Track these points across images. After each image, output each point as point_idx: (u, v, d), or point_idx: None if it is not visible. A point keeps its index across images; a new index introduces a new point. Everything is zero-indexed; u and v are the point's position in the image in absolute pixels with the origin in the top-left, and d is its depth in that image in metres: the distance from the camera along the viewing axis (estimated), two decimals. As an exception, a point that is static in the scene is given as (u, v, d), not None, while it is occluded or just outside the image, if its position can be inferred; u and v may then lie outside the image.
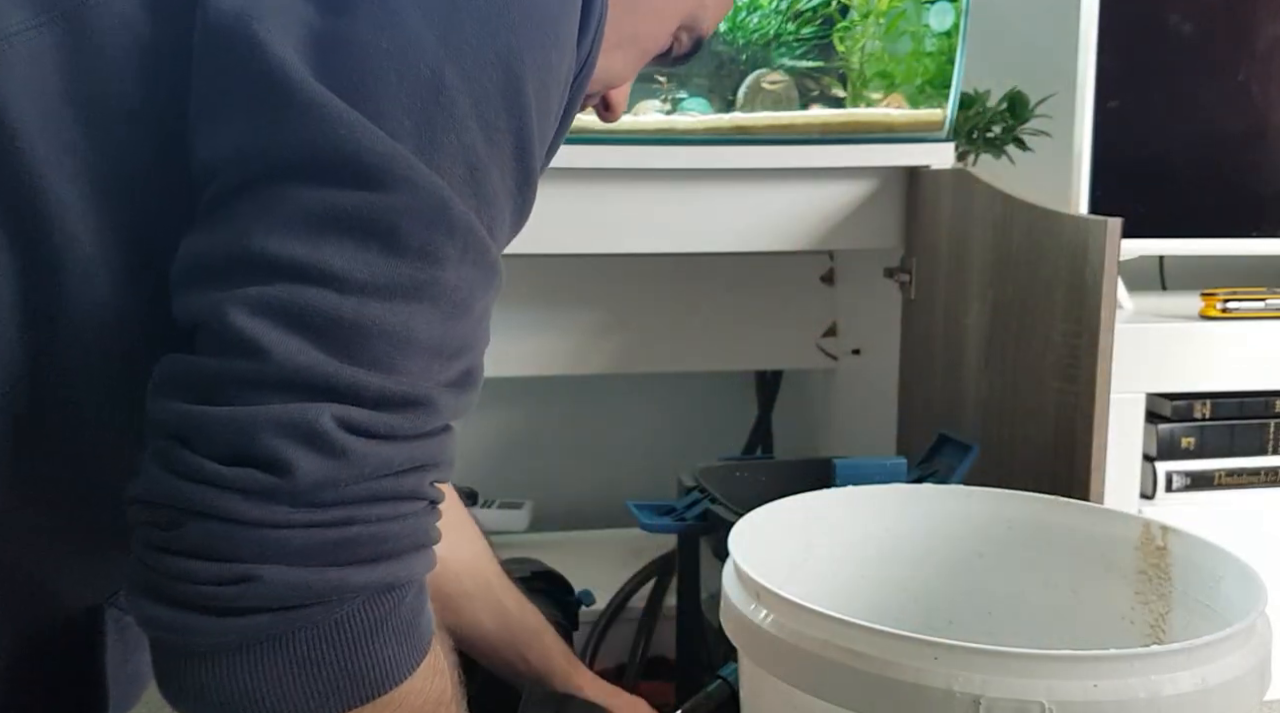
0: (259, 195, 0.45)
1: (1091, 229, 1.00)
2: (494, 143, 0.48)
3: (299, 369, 0.44)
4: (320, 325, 0.44)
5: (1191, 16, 1.37)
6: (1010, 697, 0.58)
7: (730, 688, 0.86)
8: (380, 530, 0.46)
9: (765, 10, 1.31)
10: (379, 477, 0.46)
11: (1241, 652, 0.63)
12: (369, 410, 0.45)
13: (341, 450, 0.44)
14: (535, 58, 0.49)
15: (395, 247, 0.45)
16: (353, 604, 0.46)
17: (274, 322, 0.44)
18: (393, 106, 0.46)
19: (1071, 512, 0.87)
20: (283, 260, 0.44)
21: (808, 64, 1.32)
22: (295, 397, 0.44)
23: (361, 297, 0.45)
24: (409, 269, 0.46)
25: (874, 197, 1.33)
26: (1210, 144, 1.40)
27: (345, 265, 0.45)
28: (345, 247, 0.45)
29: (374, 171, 0.45)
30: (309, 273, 0.44)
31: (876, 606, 0.90)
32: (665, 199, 1.27)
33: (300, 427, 0.44)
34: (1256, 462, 1.21)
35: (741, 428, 1.69)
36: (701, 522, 1.03)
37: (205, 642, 0.45)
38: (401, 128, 0.46)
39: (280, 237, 0.44)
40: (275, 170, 0.45)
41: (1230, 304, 1.20)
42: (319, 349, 0.44)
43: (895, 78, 1.33)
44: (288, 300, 0.44)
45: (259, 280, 0.44)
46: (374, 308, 0.45)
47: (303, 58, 0.46)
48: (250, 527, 0.44)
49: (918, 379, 1.35)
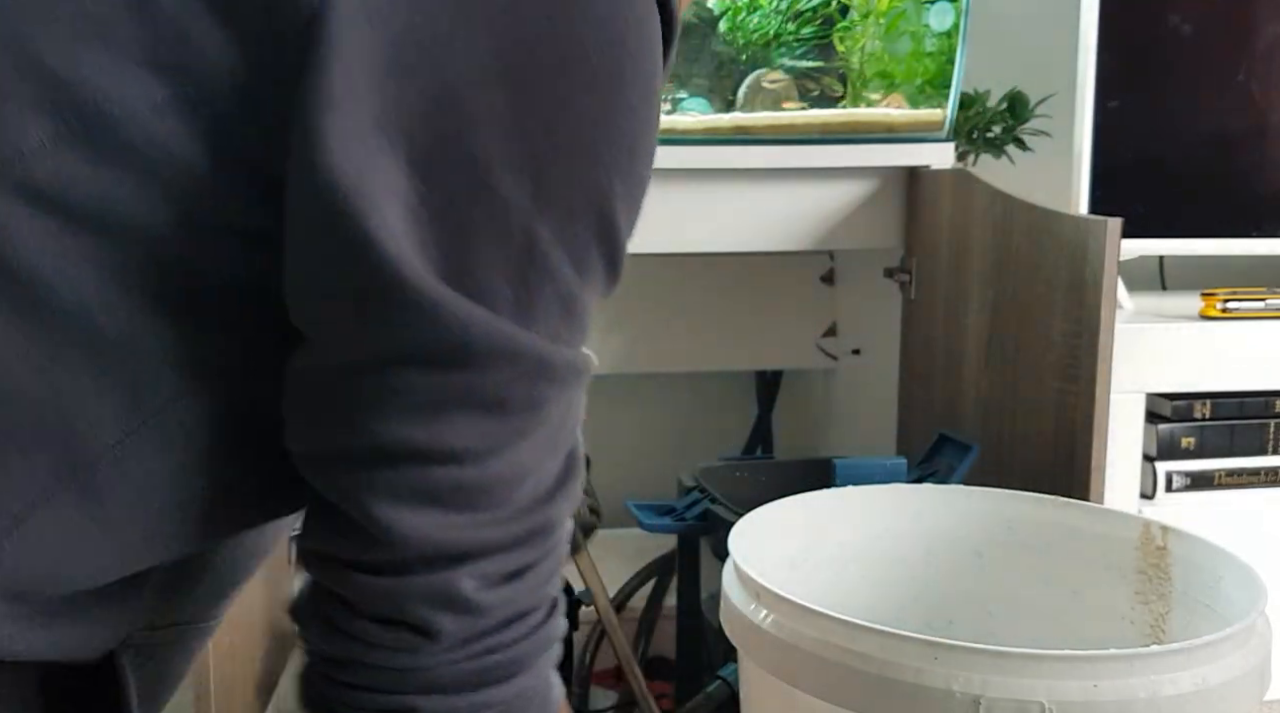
0: (368, 384, 0.47)
1: (1092, 229, 1.00)
2: (586, 276, 0.50)
3: (437, 545, 0.48)
4: (448, 498, 0.48)
5: (1191, 17, 1.37)
6: (1010, 697, 0.59)
7: (730, 688, 0.86)
8: (516, 651, 0.51)
9: (765, 10, 1.31)
10: (514, 608, 0.51)
11: (1241, 652, 0.63)
12: (501, 556, 0.49)
13: (479, 607, 0.49)
14: (626, 182, 0.50)
15: (505, 411, 0.48)
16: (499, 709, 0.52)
17: (408, 505, 0.47)
18: (491, 276, 0.47)
19: (1072, 512, 0.88)
20: (408, 448, 0.47)
21: (808, 64, 1.32)
22: (436, 569, 0.48)
23: (480, 462, 0.48)
24: (518, 423, 0.49)
25: (874, 197, 1.33)
26: (1210, 144, 1.40)
27: (462, 442, 0.47)
28: (459, 424, 0.47)
29: (480, 356, 0.46)
30: (432, 455, 0.47)
31: (876, 606, 0.90)
32: (665, 199, 1.27)
33: (442, 596, 0.48)
34: (1256, 462, 1.21)
35: (741, 428, 1.70)
36: (701, 522, 1.03)
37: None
38: (500, 296, 0.47)
39: (402, 425, 0.47)
40: (384, 361, 0.47)
41: (1230, 304, 1.20)
42: (451, 515, 0.48)
43: (895, 78, 1.33)
44: (417, 484, 0.47)
45: (387, 467, 0.47)
46: (492, 466, 0.48)
47: (409, 243, 0.45)
48: (405, 672, 0.49)
49: (918, 379, 1.35)
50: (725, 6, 1.31)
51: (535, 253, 0.47)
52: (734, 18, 1.31)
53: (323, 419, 0.48)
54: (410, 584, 0.48)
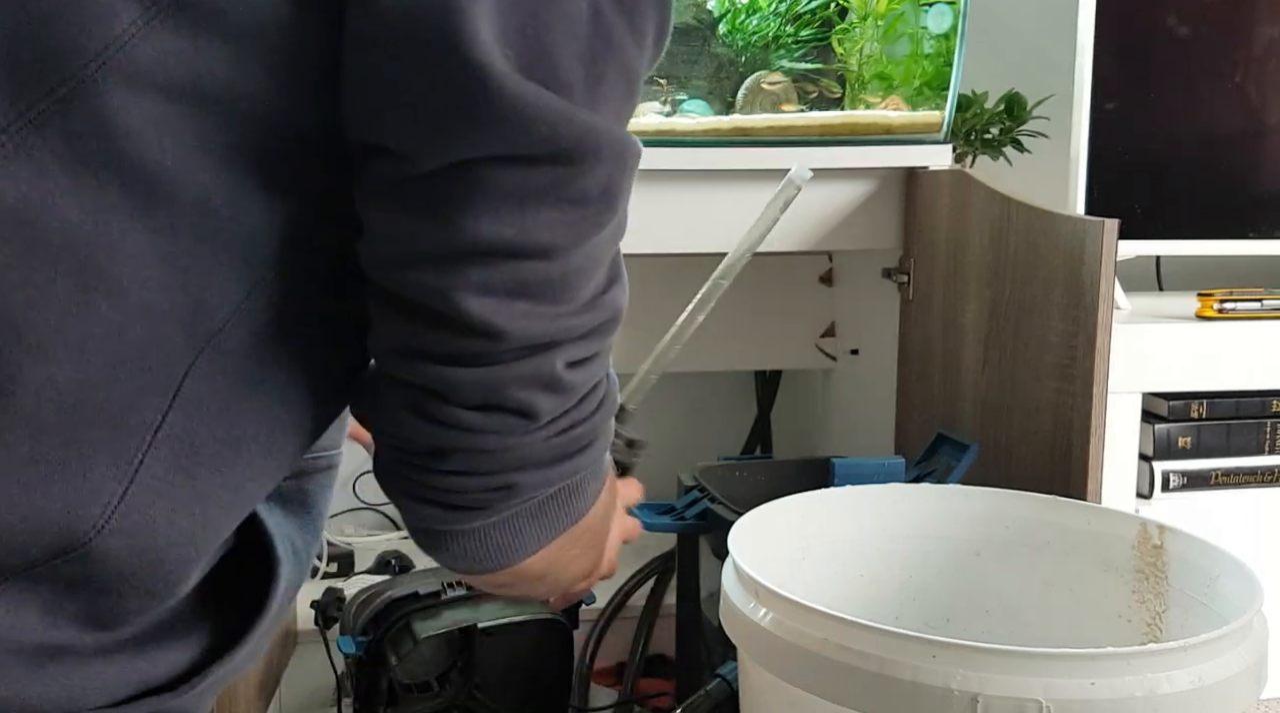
0: (461, 182, 0.48)
1: (1089, 230, 1.01)
2: (642, 43, 0.51)
3: (530, 336, 0.50)
4: (538, 291, 0.50)
5: (1188, 19, 1.37)
6: (1008, 695, 0.59)
7: (729, 687, 0.86)
8: (588, 426, 0.56)
9: (764, 13, 1.31)
10: (588, 389, 0.55)
11: (1238, 650, 0.64)
12: (582, 342, 0.52)
13: (570, 386, 0.53)
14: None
15: (586, 203, 0.49)
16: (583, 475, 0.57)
17: (500, 299, 0.49)
18: (564, 58, 0.47)
19: (1069, 511, 0.88)
20: (497, 244, 0.48)
21: (807, 66, 1.33)
22: (531, 355, 0.51)
23: (566, 255, 0.50)
24: (596, 215, 0.50)
25: (872, 198, 1.33)
26: (1207, 145, 1.40)
27: (550, 236, 0.49)
28: (545, 218, 0.48)
29: (564, 151, 0.48)
30: (522, 250, 0.49)
31: (875, 604, 0.91)
32: (665, 200, 1.28)
33: (541, 378, 0.51)
34: (1253, 461, 1.21)
35: (741, 428, 1.70)
36: (701, 521, 1.04)
37: (473, 526, 0.55)
38: (573, 77, 0.48)
39: (489, 221, 0.48)
40: (471, 160, 0.47)
41: (1226, 305, 1.20)
42: (542, 307, 0.50)
43: (894, 80, 1.34)
44: (508, 278, 0.49)
45: (477, 263, 0.48)
46: (576, 258, 0.50)
47: (492, 37, 0.46)
48: (504, 452, 0.52)
49: (916, 379, 1.36)
50: (725, 9, 1.31)
51: (599, 27, 0.48)
52: (733, 20, 1.32)
53: (413, 224, 0.49)
54: (509, 371, 0.50)
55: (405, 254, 0.50)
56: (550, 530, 0.58)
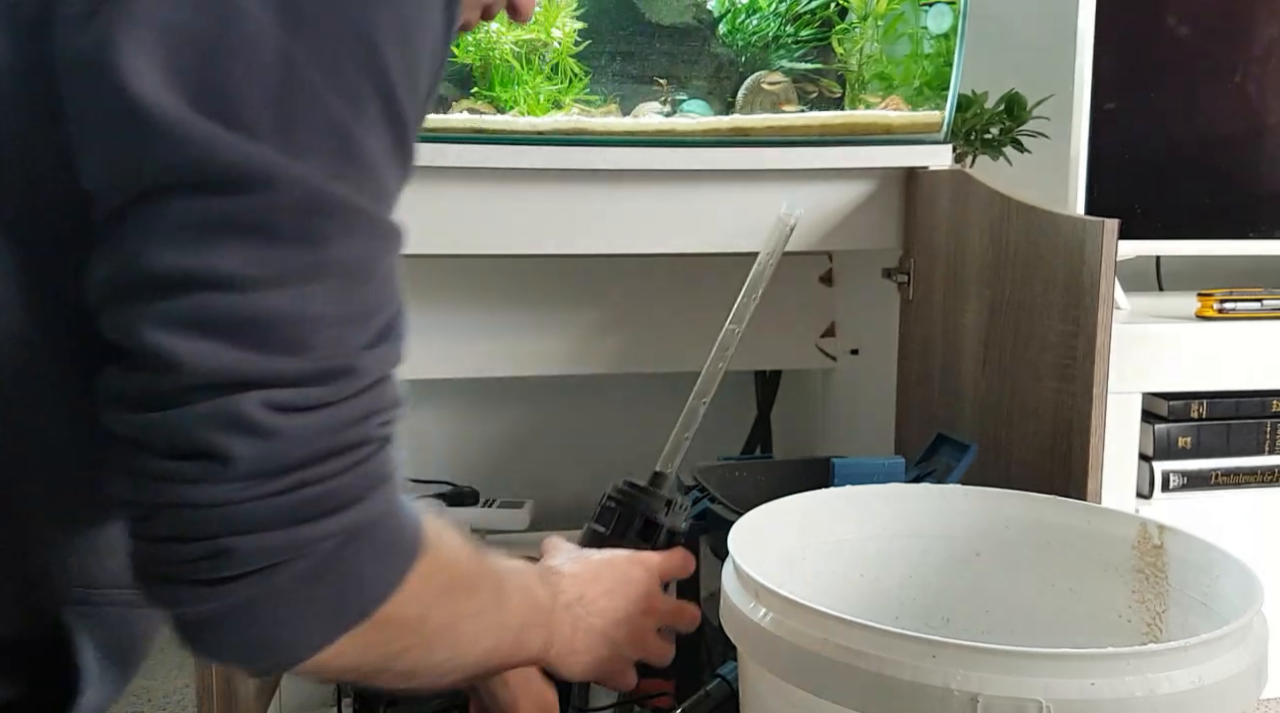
0: (141, 216, 0.48)
1: (1088, 230, 1.01)
2: (361, 110, 0.50)
3: (214, 371, 0.48)
4: (226, 326, 0.48)
5: (1188, 18, 1.37)
6: (1008, 695, 0.59)
7: (729, 687, 0.86)
8: (334, 485, 0.51)
9: (764, 12, 1.31)
10: (320, 441, 0.50)
11: (1238, 650, 0.64)
12: (292, 389, 0.49)
13: (273, 430, 0.49)
14: (391, 13, 0.50)
15: (275, 239, 0.48)
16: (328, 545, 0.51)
17: (184, 333, 0.48)
18: (248, 102, 0.47)
19: (1068, 511, 0.88)
20: (177, 274, 0.47)
21: (806, 66, 1.33)
22: (219, 393, 0.48)
23: (257, 291, 0.48)
24: (294, 257, 0.49)
25: (872, 198, 1.33)
26: (1207, 145, 1.40)
27: (234, 266, 0.48)
28: (230, 249, 0.48)
29: (237, 178, 0.47)
30: (204, 280, 0.47)
31: (875, 604, 0.91)
32: (665, 200, 1.28)
33: (228, 418, 0.48)
34: (1253, 461, 1.21)
35: (741, 428, 1.70)
36: (701, 521, 1.04)
37: (210, 608, 0.50)
38: (260, 122, 0.47)
39: (170, 252, 0.47)
40: (150, 191, 0.48)
41: (1226, 305, 1.20)
42: (232, 347, 0.48)
43: (894, 80, 1.34)
44: (191, 310, 0.48)
45: (161, 296, 0.48)
46: (271, 299, 0.48)
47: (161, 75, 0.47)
48: (210, 508, 0.49)
49: (916, 379, 1.36)
50: (725, 9, 1.31)
51: (293, 76, 0.47)
52: (733, 20, 1.32)
53: (109, 262, 0.49)
54: (195, 410, 0.48)
55: (104, 292, 0.49)
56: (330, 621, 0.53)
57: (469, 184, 1.23)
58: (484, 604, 0.64)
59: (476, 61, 1.25)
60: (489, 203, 1.24)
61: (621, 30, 1.28)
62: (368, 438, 0.52)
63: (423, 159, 0.50)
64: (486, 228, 1.25)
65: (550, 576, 0.76)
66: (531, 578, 0.72)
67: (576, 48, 1.25)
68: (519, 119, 1.23)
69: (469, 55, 1.24)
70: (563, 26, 1.25)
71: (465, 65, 1.25)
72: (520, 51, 1.24)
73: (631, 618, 0.79)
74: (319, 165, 0.49)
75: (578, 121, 1.24)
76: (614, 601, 0.79)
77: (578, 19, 1.25)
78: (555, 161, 1.23)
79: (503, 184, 1.24)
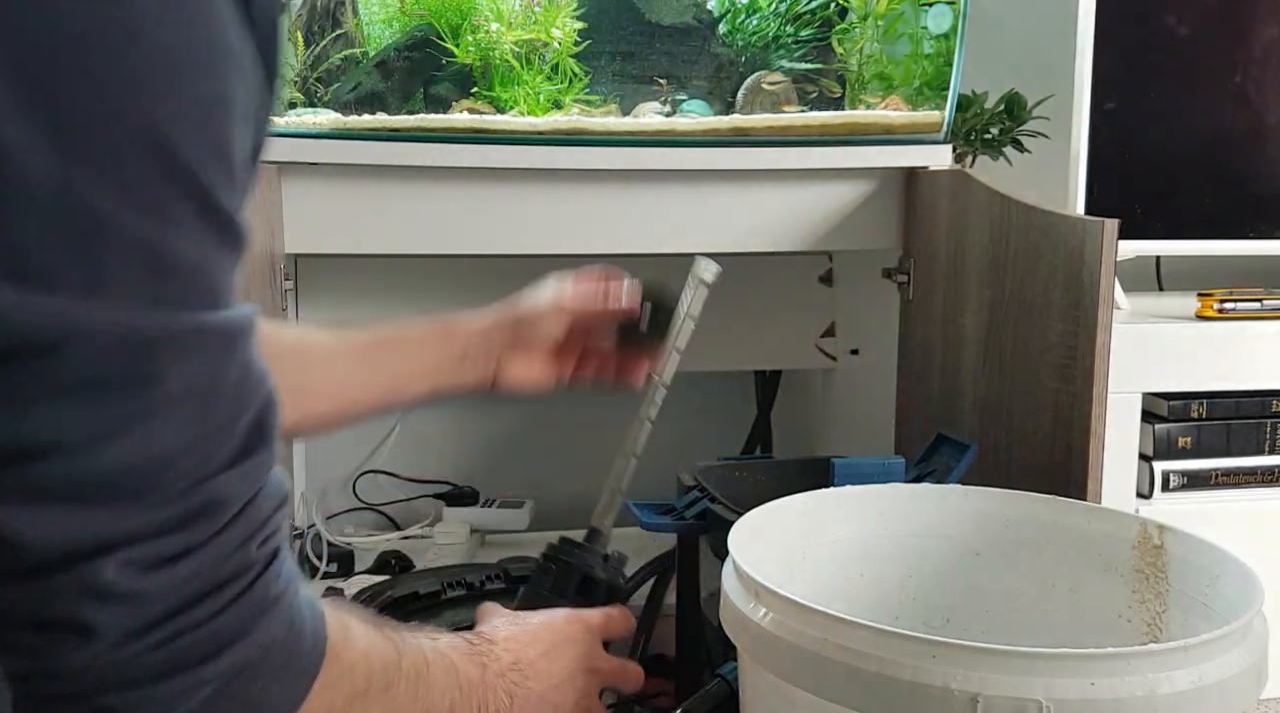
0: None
1: (1088, 230, 1.01)
2: (168, 219, 0.44)
3: (64, 543, 0.44)
4: (66, 493, 0.44)
5: (1188, 19, 1.37)
6: (1008, 695, 0.59)
7: (729, 687, 0.86)
8: (214, 626, 0.48)
9: (764, 12, 1.31)
10: (191, 586, 0.47)
11: (1238, 650, 0.64)
12: (152, 542, 0.46)
13: (136, 593, 0.45)
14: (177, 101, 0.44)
15: (99, 393, 0.44)
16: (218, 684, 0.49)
17: (23, 508, 0.44)
18: (39, 250, 0.42)
19: (1069, 511, 0.88)
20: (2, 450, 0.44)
21: (807, 66, 1.33)
22: (71, 564, 0.45)
23: (92, 449, 0.44)
24: (125, 404, 0.45)
25: (872, 198, 1.33)
26: (1207, 145, 1.40)
27: (60, 430, 0.44)
28: (49, 414, 0.43)
29: (41, 340, 0.43)
30: (32, 451, 0.44)
31: (875, 604, 0.90)
32: (665, 200, 1.28)
33: (85, 588, 0.45)
34: (1253, 461, 1.21)
35: (741, 428, 1.70)
36: (701, 521, 1.04)
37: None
38: (53, 271, 0.42)
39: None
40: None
41: (1226, 305, 1.20)
42: (78, 513, 0.44)
43: (893, 79, 1.34)
44: (26, 484, 0.44)
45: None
46: (110, 453, 0.44)
47: None
48: (82, 672, 0.46)
49: (916, 379, 1.36)
50: (725, 9, 1.31)
51: (80, 208, 0.42)
52: (733, 20, 1.32)
53: None
54: (50, 584, 0.45)
55: None
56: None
57: (469, 184, 1.23)
58: (401, 698, 0.61)
59: (476, 61, 1.25)
60: (489, 203, 1.24)
61: (621, 30, 1.28)
62: (247, 566, 0.49)
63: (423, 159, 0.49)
64: (486, 228, 1.25)
65: (481, 644, 0.72)
66: (458, 654, 0.68)
67: (576, 48, 1.25)
68: (519, 119, 1.23)
69: (469, 55, 1.24)
70: (563, 26, 1.25)
71: (465, 65, 1.25)
72: (520, 51, 1.24)
73: (573, 679, 0.76)
74: (131, 299, 0.43)
75: (578, 121, 1.24)
76: (553, 663, 0.75)
77: (578, 19, 1.25)
78: (555, 161, 1.23)
79: (503, 184, 1.24)
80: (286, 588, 0.52)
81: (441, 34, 1.24)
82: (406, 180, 1.21)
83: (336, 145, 1.19)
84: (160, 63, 0.43)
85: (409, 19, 1.25)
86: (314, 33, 1.24)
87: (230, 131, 0.46)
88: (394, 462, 1.61)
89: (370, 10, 1.26)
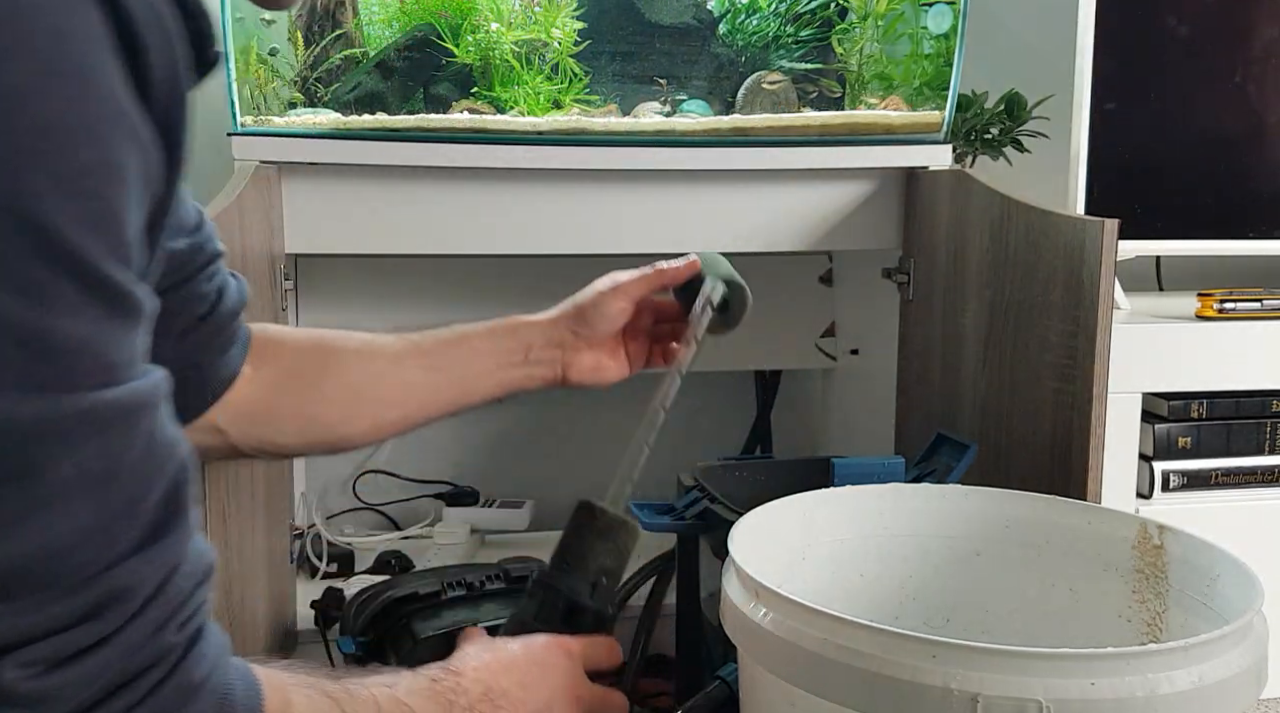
0: None
1: (1088, 230, 1.01)
2: (45, 300, 0.41)
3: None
4: None
5: (1188, 19, 1.37)
6: (1008, 695, 0.59)
7: (729, 688, 0.86)
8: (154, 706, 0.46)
9: (764, 13, 1.31)
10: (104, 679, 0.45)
11: (1238, 650, 0.64)
12: (54, 638, 0.43)
13: (40, 694, 0.43)
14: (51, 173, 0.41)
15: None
16: None
17: None
18: None
19: (1069, 511, 0.88)
20: None
21: (807, 66, 1.33)
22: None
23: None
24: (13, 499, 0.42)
25: (872, 198, 1.33)
26: (1206, 146, 1.40)
27: None
28: None
29: None
30: None
31: (875, 604, 0.91)
32: (665, 200, 1.28)
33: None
34: (1252, 461, 1.21)
35: (741, 428, 1.70)
36: (701, 521, 1.04)
37: None
38: None
39: None
40: None
41: (1226, 305, 1.20)
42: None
43: (894, 80, 1.34)
44: None
45: None
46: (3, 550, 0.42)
47: None
48: None
49: (916, 379, 1.36)
50: (724, 9, 1.31)
51: None
52: (733, 20, 1.32)
53: None
54: None
55: None
56: None
57: (469, 184, 1.23)
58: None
59: (476, 61, 1.25)
60: (489, 203, 1.24)
61: (621, 30, 1.28)
62: (165, 652, 0.46)
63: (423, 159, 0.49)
64: (486, 228, 1.25)
65: (447, 679, 0.69)
66: (417, 698, 0.65)
67: (576, 48, 1.25)
68: (519, 119, 1.23)
69: (469, 55, 1.24)
70: (563, 26, 1.25)
71: (465, 65, 1.25)
72: (520, 51, 1.24)
73: (550, 708, 0.72)
74: (8, 387, 0.41)
75: (578, 121, 1.24)
76: (529, 692, 0.71)
77: (578, 19, 1.25)
78: (555, 161, 1.23)
79: (503, 184, 1.24)
80: (211, 671, 0.49)
81: (441, 34, 1.24)
82: (406, 180, 1.21)
83: (336, 145, 1.19)
84: (31, 132, 0.40)
85: (410, 19, 1.25)
86: (314, 33, 1.24)
87: (121, 197, 0.43)
88: (394, 462, 1.61)
89: (370, 10, 1.26)
